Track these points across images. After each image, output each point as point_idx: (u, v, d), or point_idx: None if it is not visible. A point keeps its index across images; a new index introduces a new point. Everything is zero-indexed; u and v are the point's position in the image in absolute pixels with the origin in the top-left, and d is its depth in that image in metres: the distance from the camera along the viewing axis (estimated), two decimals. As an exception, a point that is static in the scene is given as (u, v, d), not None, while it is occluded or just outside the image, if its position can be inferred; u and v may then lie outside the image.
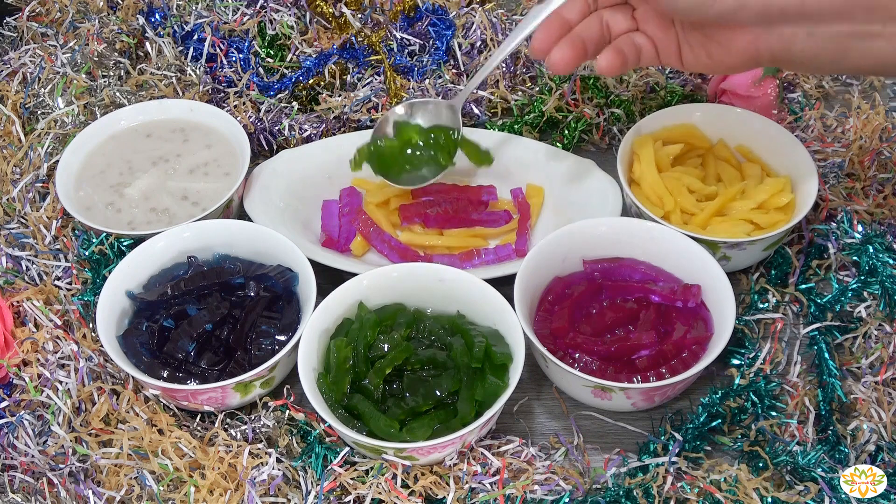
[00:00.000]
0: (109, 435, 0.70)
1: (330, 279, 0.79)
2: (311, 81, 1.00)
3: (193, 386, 0.71)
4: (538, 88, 0.99)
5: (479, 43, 1.02)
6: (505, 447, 0.71)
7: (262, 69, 1.02)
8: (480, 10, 1.03)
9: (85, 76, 0.97)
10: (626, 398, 0.71)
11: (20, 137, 0.93)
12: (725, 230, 0.80)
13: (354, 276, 0.76)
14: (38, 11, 1.07)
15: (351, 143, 0.93)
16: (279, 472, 0.68)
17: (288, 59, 1.03)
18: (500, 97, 0.98)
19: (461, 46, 1.01)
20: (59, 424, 0.70)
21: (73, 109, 0.94)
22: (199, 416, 0.74)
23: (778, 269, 0.82)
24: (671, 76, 1.00)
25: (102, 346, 0.72)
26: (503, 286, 0.74)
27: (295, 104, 0.99)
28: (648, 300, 0.77)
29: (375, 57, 1.00)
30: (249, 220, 0.85)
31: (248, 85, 0.99)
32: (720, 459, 0.70)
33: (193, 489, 0.66)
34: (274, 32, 1.04)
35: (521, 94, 0.99)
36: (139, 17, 1.04)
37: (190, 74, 0.99)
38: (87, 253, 0.82)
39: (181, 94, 0.98)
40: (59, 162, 0.88)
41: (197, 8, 1.05)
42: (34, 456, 0.69)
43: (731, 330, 0.70)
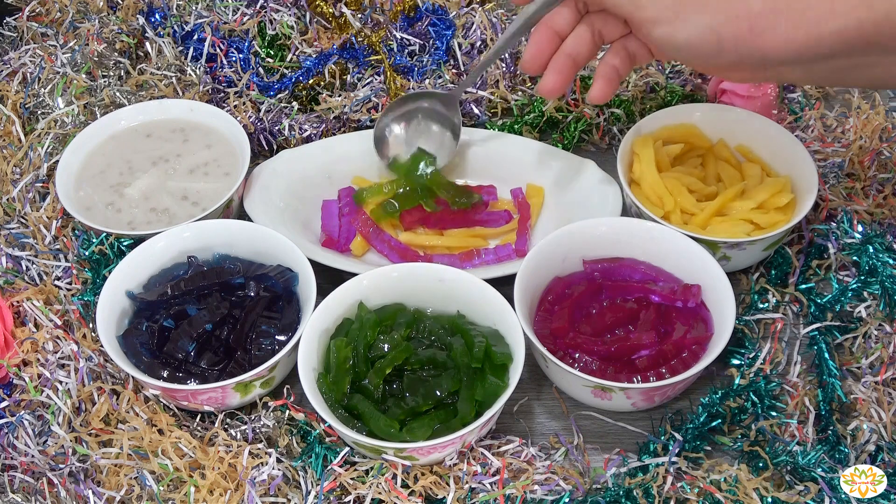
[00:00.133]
0: (109, 435, 0.70)
1: (330, 279, 0.79)
2: (311, 81, 1.00)
3: (193, 386, 0.71)
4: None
5: (479, 43, 1.02)
6: (505, 447, 0.71)
7: (262, 69, 1.02)
8: (480, 10, 1.03)
9: (85, 76, 0.97)
10: (626, 398, 0.71)
11: (20, 137, 0.93)
12: (725, 230, 0.80)
13: (354, 276, 0.76)
14: (38, 11, 1.07)
15: (351, 143, 0.93)
16: (279, 472, 0.67)
17: (288, 59, 1.03)
18: (500, 97, 0.98)
19: (461, 46, 1.01)
20: (59, 424, 0.70)
21: (73, 109, 0.94)
22: (199, 416, 0.74)
23: (778, 269, 0.82)
24: (671, 76, 0.99)
25: (102, 346, 0.72)
26: (503, 286, 0.74)
27: (295, 104, 0.99)
28: (648, 300, 0.77)
29: (375, 57, 1.00)
30: (249, 220, 0.85)
31: (248, 85, 0.99)
32: (720, 459, 0.70)
33: (193, 489, 0.66)
34: (274, 32, 1.04)
35: (521, 94, 0.99)
36: (139, 17, 1.04)
37: (190, 74, 0.99)
38: (87, 253, 0.82)
39: (181, 94, 0.98)
40: (59, 162, 0.88)
41: (197, 8, 1.05)
42: (34, 456, 0.69)
43: (731, 330, 0.70)
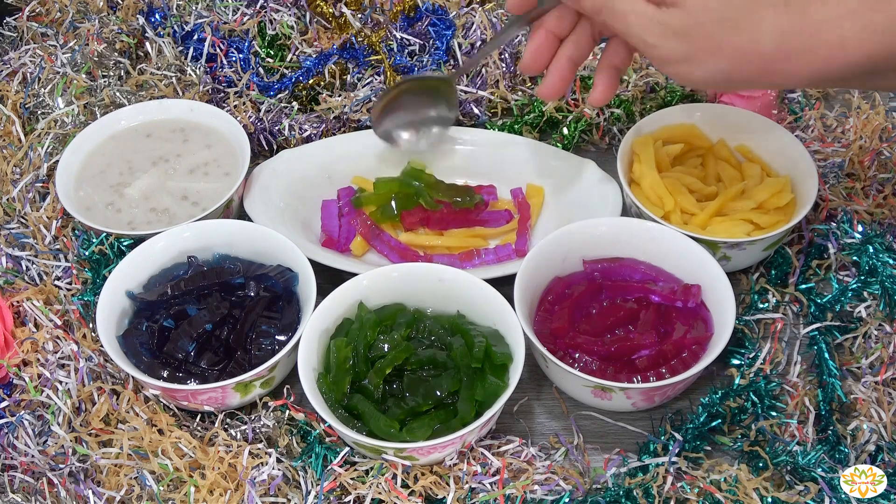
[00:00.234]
0: (109, 435, 0.70)
1: (330, 279, 0.79)
2: (311, 81, 1.00)
3: (193, 386, 0.71)
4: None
5: (479, 43, 1.01)
6: (505, 447, 0.71)
7: (262, 69, 1.01)
8: (480, 10, 1.03)
9: (85, 76, 0.97)
10: (626, 398, 0.70)
11: (20, 137, 0.93)
12: (725, 230, 0.80)
13: (354, 276, 0.76)
14: (38, 11, 1.07)
15: (351, 143, 0.93)
16: (279, 472, 0.67)
17: (288, 59, 1.03)
18: (500, 97, 0.98)
19: (461, 46, 1.01)
20: (59, 424, 0.70)
21: (73, 109, 0.94)
22: (199, 416, 0.74)
23: (778, 269, 0.82)
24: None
25: (102, 346, 0.72)
26: (503, 286, 0.74)
27: (295, 104, 0.98)
28: (648, 300, 0.77)
29: (375, 57, 1.00)
30: (249, 220, 0.85)
31: (248, 85, 0.99)
32: (720, 459, 0.70)
33: (193, 489, 0.66)
34: (274, 32, 1.04)
35: (521, 94, 0.99)
36: (139, 17, 1.04)
37: (190, 74, 0.99)
38: (87, 253, 0.82)
39: (181, 94, 0.98)
40: (59, 162, 0.88)
41: (197, 8, 1.05)
42: (34, 456, 0.69)
43: (731, 330, 0.70)
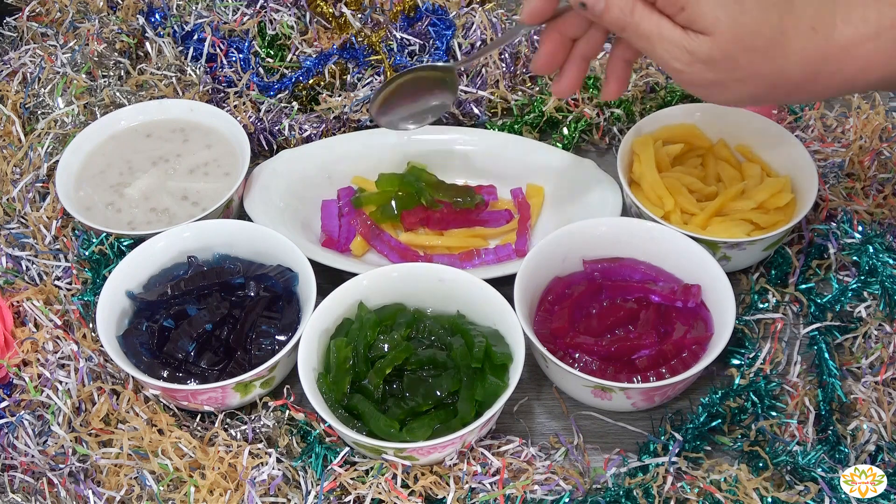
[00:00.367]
0: (109, 435, 0.70)
1: (330, 279, 0.79)
2: (311, 81, 1.00)
3: (193, 386, 0.71)
4: (538, 88, 0.99)
5: (479, 43, 1.01)
6: (505, 447, 0.71)
7: (262, 69, 1.01)
8: (480, 10, 1.03)
9: (85, 76, 0.97)
10: (626, 398, 0.70)
11: (20, 137, 0.93)
12: (725, 230, 0.80)
13: (354, 276, 0.76)
14: (38, 11, 1.07)
15: (351, 143, 0.94)
16: (279, 472, 0.67)
17: (288, 59, 1.03)
18: (500, 97, 0.98)
19: (461, 46, 1.01)
20: (59, 424, 0.70)
21: (73, 109, 0.94)
22: (199, 416, 0.74)
23: (778, 269, 0.82)
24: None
25: (102, 346, 0.72)
26: (503, 286, 0.74)
27: (295, 104, 0.99)
28: (648, 300, 0.77)
29: (375, 57, 1.00)
30: (249, 220, 0.85)
31: (248, 85, 0.99)
32: (720, 459, 0.70)
33: (193, 489, 0.66)
34: (274, 32, 1.04)
35: (521, 94, 0.99)
36: (139, 17, 1.04)
37: (190, 74, 0.99)
38: (87, 253, 0.82)
39: (181, 94, 0.98)
40: (59, 162, 0.88)
41: (197, 8, 1.05)
42: (34, 456, 0.69)
43: (731, 330, 0.70)
